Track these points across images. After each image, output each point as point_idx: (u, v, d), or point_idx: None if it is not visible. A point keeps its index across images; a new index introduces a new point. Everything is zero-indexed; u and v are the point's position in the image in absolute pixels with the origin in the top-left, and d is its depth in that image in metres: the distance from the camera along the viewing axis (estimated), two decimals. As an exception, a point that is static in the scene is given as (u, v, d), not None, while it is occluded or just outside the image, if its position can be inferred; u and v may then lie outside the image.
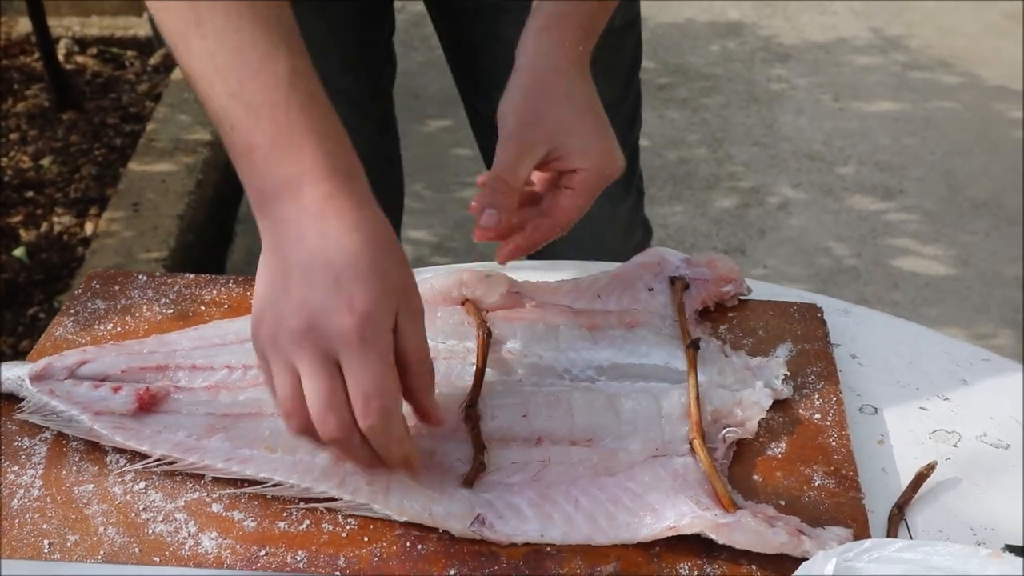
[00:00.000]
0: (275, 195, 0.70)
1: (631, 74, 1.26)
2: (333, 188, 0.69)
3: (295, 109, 0.69)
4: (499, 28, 1.13)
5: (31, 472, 0.75)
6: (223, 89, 0.70)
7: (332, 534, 0.72)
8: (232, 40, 0.70)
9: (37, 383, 0.79)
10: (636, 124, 1.30)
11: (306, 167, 0.69)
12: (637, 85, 1.29)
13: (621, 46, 1.20)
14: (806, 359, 0.86)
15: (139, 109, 2.89)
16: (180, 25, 0.72)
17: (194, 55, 0.71)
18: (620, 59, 1.22)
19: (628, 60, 1.24)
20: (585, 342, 0.84)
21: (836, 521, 0.72)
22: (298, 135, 0.69)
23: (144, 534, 0.71)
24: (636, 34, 1.24)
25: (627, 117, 1.26)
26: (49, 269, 2.27)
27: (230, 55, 0.70)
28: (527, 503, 0.72)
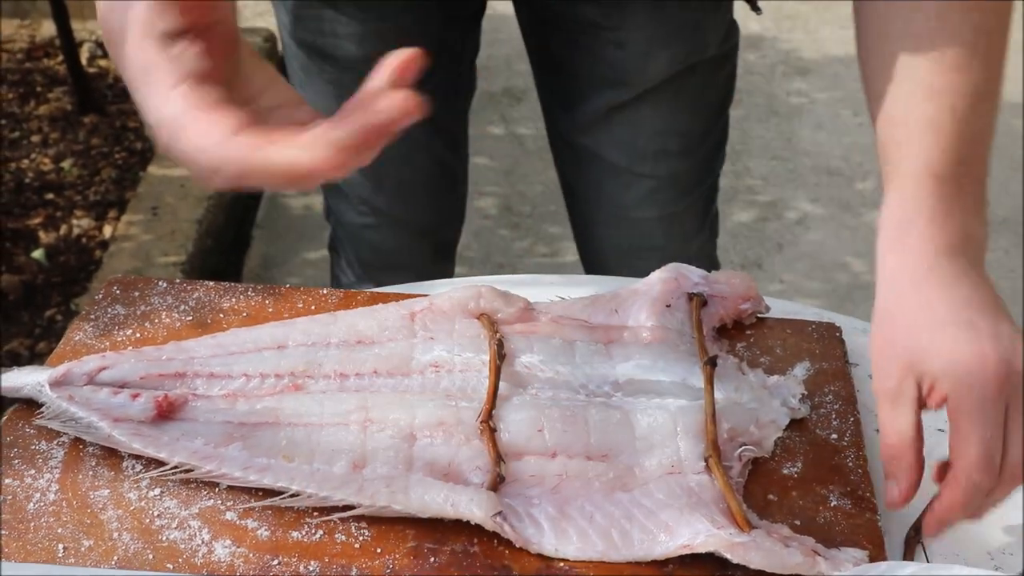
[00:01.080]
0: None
1: (721, 108, 1.22)
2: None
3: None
4: (590, 41, 1.11)
5: (48, 476, 0.76)
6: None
7: (345, 544, 0.72)
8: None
9: (56, 389, 0.79)
10: (719, 158, 1.26)
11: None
12: (725, 120, 1.24)
13: (713, 78, 1.17)
14: (824, 378, 0.85)
15: (160, 113, 2.90)
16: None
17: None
18: (710, 92, 1.19)
19: (720, 93, 1.20)
20: (601, 357, 0.84)
21: (852, 542, 0.71)
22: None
23: (158, 540, 0.71)
24: (731, 66, 1.20)
25: (709, 152, 1.23)
26: (67, 271, 2.28)
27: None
28: (544, 516, 0.72)
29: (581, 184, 1.25)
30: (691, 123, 1.18)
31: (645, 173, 1.18)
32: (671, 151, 1.18)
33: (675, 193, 1.22)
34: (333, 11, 1.08)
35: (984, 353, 0.66)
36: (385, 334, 0.85)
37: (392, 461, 0.75)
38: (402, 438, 0.76)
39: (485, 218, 2.63)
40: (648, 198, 1.20)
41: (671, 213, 1.22)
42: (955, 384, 0.67)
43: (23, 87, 2.95)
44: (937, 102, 0.73)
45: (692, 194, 1.23)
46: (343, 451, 0.76)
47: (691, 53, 1.12)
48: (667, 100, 1.14)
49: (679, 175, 1.20)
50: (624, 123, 1.15)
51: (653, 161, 1.18)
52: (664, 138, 1.17)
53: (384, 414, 0.78)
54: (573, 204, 1.29)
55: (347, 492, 0.73)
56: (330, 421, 0.78)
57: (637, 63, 1.11)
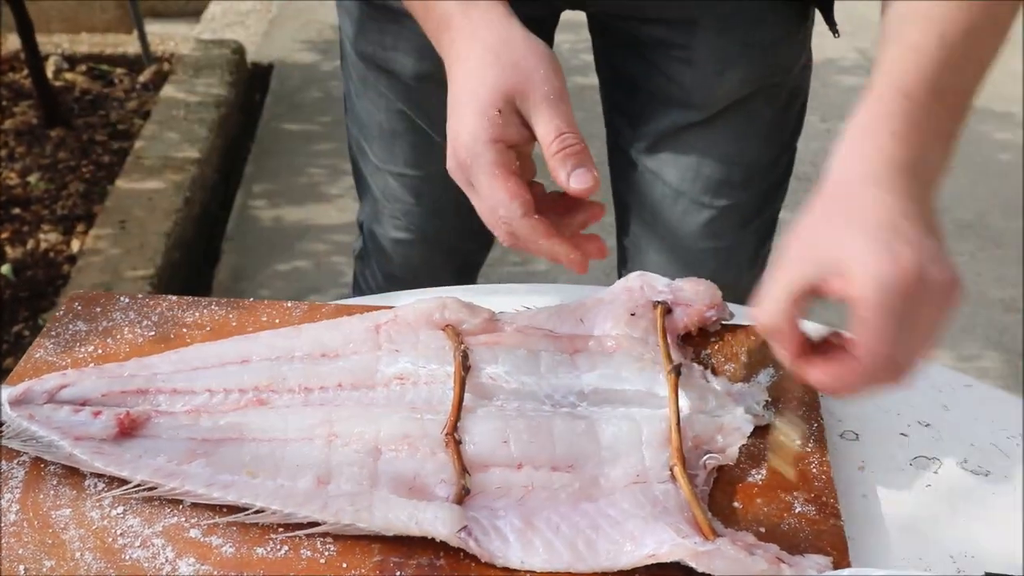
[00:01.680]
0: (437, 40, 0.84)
1: (791, 140, 1.18)
2: (466, 26, 0.80)
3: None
4: (658, 59, 1.08)
5: (8, 496, 0.75)
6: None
7: (311, 560, 0.71)
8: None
9: (16, 408, 0.78)
10: (781, 191, 1.21)
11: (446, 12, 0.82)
12: (793, 152, 1.19)
13: (789, 107, 1.14)
14: (788, 384, 0.86)
15: (127, 126, 2.89)
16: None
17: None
18: (784, 121, 1.15)
19: (792, 123, 1.17)
20: (566, 367, 0.84)
21: (816, 549, 0.72)
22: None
23: (121, 560, 0.71)
24: (804, 97, 1.17)
25: (774, 184, 1.19)
26: (35, 286, 2.26)
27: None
28: (510, 528, 0.72)
29: (637, 206, 1.21)
30: (759, 153, 1.15)
31: (703, 202, 1.15)
32: (734, 181, 1.14)
33: (732, 226, 1.17)
34: (397, 25, 1.08)
35: (905, 258, 0.68)
36: (349, 347, 0.84)
37: (357, 476, 0.74)
38: (367, 452, 0.76)
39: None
40: (702, 229, 1.16)
41: (725, 247, 1.18)
42: (870, 281, 0.67)
43: (-12, 101, 2.93)
44: (926, 27, 0.75)
45: (748, 228, 1.19)
46: (308, 466, 0.75)
47: (764, 76, 1.09)
48: (736, 126, 1.11)
49: (738, 207, 1.16)
50: (690, 146, 1.12)
51: (714, 191, 1.14)
52: (729, 167, 1.13)
53: (349, 428, 0.77)
54: (625, 223, 1.24)
55: (311, 509, 0.72)
56: (295, 436, 0.77)
57: (706, 82, 1.08)
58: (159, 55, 3.26)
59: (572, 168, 0.76)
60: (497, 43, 0.79)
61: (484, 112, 0.76)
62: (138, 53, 3.22)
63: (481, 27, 0.79)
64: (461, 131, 0.77)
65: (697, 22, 1.04)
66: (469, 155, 0.76)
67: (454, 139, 0.78)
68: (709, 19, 1.04)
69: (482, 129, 0.76)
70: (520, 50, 0.78)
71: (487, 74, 0.77)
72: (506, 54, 0.78)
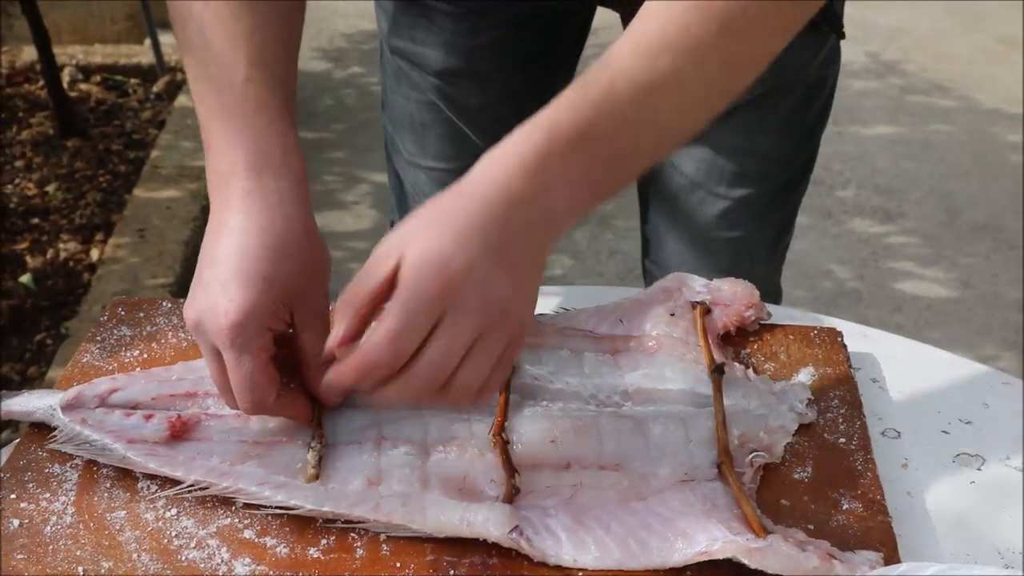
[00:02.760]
0: (216, 187, 0.78)
1: (810, 135, 1.17)
2: (253, 186, 0.76)
3: (240, 113, 0.78)
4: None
5: (63, 499, 0.76)
6: (197, 98, 0.80)
7: (364, 559, 0.72)
8: (204, 55, 0.80)
9: (68, 412, 0.79)
10: (801, 187, 1.21)
11: (239, 165, 0.76)
12: (814, 148, 1.19)
13: (809, 103, 1.14)
14: (828, 383, 0.86)
15: (143, 136, 2.90)
16: (180, 47, 0.83)
17: (187, 71, 0.82)
18: (803, 116, 1.14)
19: (812, 119, 1.16)
20: (609, 367, 0.84)
21: (865, 545, 0.72)
22: (237, 135, 0.77)
23: (177, 560, 0.71)
24: (828, 93, 1.16)
25: (793, 179, 1.19)
26: (55, 295, 2.27)
27: (202, 68, 0.80)
28: (561, 527, 0.72)
29: (657, 197, 1.23)
30: (775, 147, 1.15)
31: (720, 193, 1.15)
32: (749, 173, 1.15)
33: (748, 218, 1.18)
34: (427, 20, 1.11)
35: (448, 259, 0.67)
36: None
37: (408, 478, 0.75)
38: (416, 454, 0.76)
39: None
40: (719, 220, 1.17)
41: (741, 239, 1.19)
42: (408, 271, 0.68)
43: (5, 112, 2.95)
44: (599, 73, 0.71)
45: (764, 221, 1.20)
46: (358, 469, 0.76)
47: (776, 75, 1.03)
48: (755, 119, 1.11)
49: (754, 199, 1.16)
50: (705, 139, 1.12)
51: (730, 182, 1.15)
52: (745, 160, 1.14)
53: (397, 431, 0.78)
54: (646, 215, 1.27)
55: (364, 509, 0.73)
56: (343, 439, 0.78)
57: None
58: (172, 65, 3.27)
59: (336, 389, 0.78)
60: (300, 230, 0.76)
61: (270, 297, 0.73)
62: (151, 63, 3.23)
63: (288, 201, 0.76)
64: (237, 298, 0.72)
65: None
66: (239, 328, 0.72)
67: (224, 299, 0.72)
68: None
69: (263, 310, 0.73)
70: (316, 252, 0.77)
71: (282, 262, 0.74)
72: (304, 249, 0.76)
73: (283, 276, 0.74)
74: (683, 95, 0.73)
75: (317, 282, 0.78)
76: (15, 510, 0.75)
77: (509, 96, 1.17)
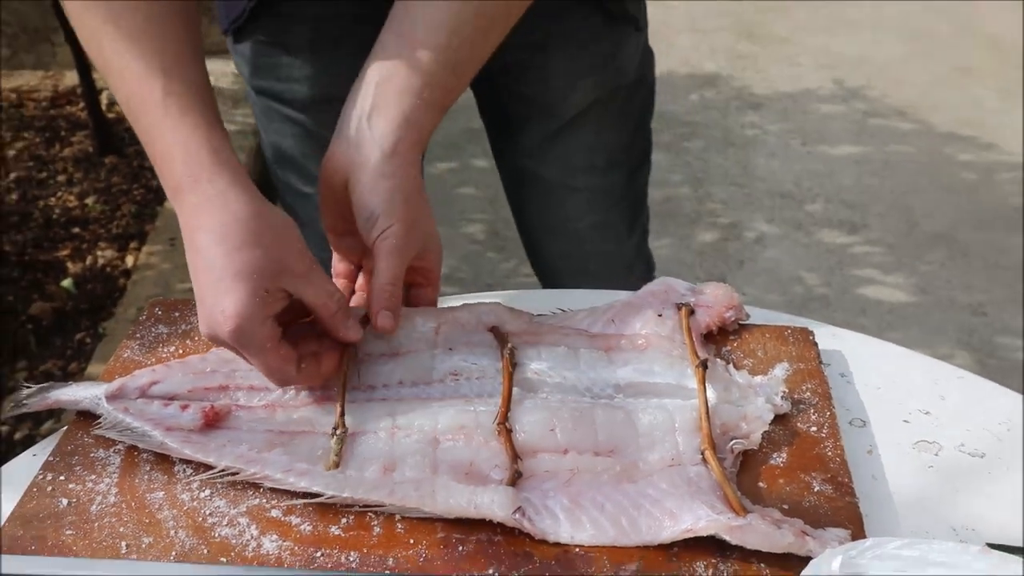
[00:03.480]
0: (174, 203, 0.78)
1: (641, 123, 1.26)
2: (199, 198, 0.76)
3: (168, 128, 0.77)
4: (519, 81, 1.14)
5: (107, 481, 0.76)
6: (130, 117, 0.79)
7: (381, 536, 0.72)
8: (124, 76, 0.78)
9: (112, 402, 0.79)
10: (644, 168, 1.30)
11: (178, 179, 0.76)
12: (647, 133, 1.28)
13: (633, 98, 1.21)
14: (801, 377, 0.87)
15: (174, 153, 2.90)
16: (100, 69, 0.80)
17: (110, 86, 0.80)
18: (632, 109, 1.22)
19: (639, 110, 1.24)
20: (603, 363, 0.85)
21: (835, 523, 0.73)
22: (169, 150, 0.77)
23: (211, 537, 0.72)
24: (647, 87, 1.24)
25: (636, 161, 1.27)
26: (94, 299, 2.28)
27: (126, 88, 0.78)
28: (559, 507, 0.73)
29: (526, 202, 1.29)
30: (615, 139, 1.22)
31: (578, 186, 1.22)
32: (599, 165, 1.22)
33: (606, 202, 1.25)
34: (289, 57, 1.09)
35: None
36: (408, 346, 0.85)
37: (419, 464, 0.75)
38: (427, 442, 0.77)
39: (473, 243, 2.65)
40: (583, 208, 1.24)
41: (604, 221, 1.26)
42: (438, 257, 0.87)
43: (48, 132, 2.95)
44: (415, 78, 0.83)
45: (621, 202, 1.27)
46: (374, 457, 0.76)
47: (610, 79, 1.16)
48: (593, 121, 1.18)
49: (607, 186, 1.24)
50: (558, 145, 1.19)
51: (584, 175, 1.22)
52: (592, 154, 1.21)
53: (410, 421, 0.78)
54: (521, 221, 1.33)
55: (380, 495, 0.73)
56: (361, 430, 0.78)
57: (563, 94, 1.14)
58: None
59: (354, 319, 0.80)
60: (249, 218, 0.75)
61: (254, 292, 0.73)
62: (182, 87, 3.23)
63: (231, 198, 0.75)
64: (227, 307, 0.73)
65: (547, 46, 1.10)
66: (239, 333, 0.73)
67: (217, 312, 0.73)
68: (557, 41, 1.10)
69: (255, 308, 0.73)
70: (274, 226, 0.77)
71: (248, 254, 0.74)
72: (261, 231, 0.75)
73: (257, 266, 0.74)
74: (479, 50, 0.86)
75: (292, 247, 0.77)
76: (64, 490, 0.75)
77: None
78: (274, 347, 0.75)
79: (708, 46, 3.84)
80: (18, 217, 2.54)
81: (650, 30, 1.20)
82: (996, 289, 2.52)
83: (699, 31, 3.99)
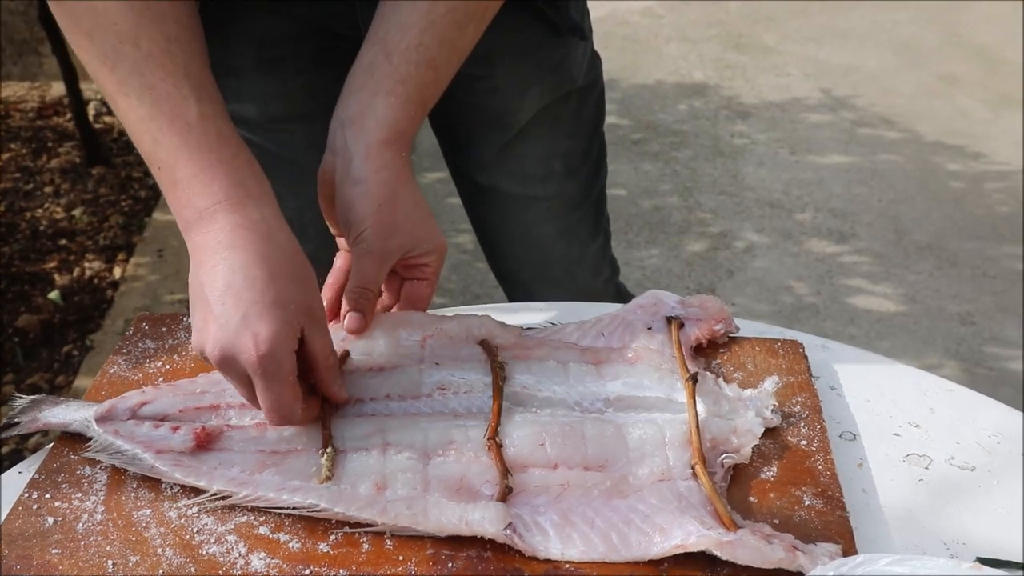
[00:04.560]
0: (196, 222, 0.76)
1: (595, 127, 1.26)
2: (242, 219, 0.75)
3: (205, 148, 0.76)
4: (467, 92, 1.13)
5: (93, 499, 0.75)
6: (148, 137, 0.77)
7: (370, 553, 0.72)
8: (148, 96, 0.76)
9: (102, 424, 0.79)
10: (602, 172, 1.30)
11: (218, 198, 0.75)
12: (601, 137, 1.29)
13: (584, 103, 1.21)
14: (791, 390, 0.87)
15: (162, 164, 2.90)
16: (110, 86, 0.78)
17: (123, 111, 0.78)
18: (584, 114, 1.22)
19: (592, 115, 1.24)
20: (592, 377, 0.85)
21: (826, 538, 0.72)
22: (210, 170, 0.76)
23: (199, 555, 0.71)
24: (598, 92, 1.24)
25: (593, 166, 1.27)
26: (81, 310, 2.27)
27: (149, 108, 0.76)
28: (549, 523, 0.72)
29: (486, 215, 1.29)
30: (571, 145, 1.23)
31: (538, 195, 1.23)
32: (556, 172, 1.22)
33: (567, 208, 1.26)
34: (236, 79, 1.08)
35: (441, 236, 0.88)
36: (395, 360, 0.85)
37: (411, 482, 0.75)
38: (418, 458, 0.76)
39: (463, 253, 2.64)
40: (543, 216, 1.25)
41: (566, 227, 1.27)
42: (436, 258, 0.88)
43: (35, 143, 2.94)
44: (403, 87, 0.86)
45: (582, 207, 1.27)
46: (366, 473, 0.76)
47: (559, 85, 1.16)
48: (546, 128, 1.18)
49: (567, 192, 1.24)
50: (512, 156, 1.19)
51: (542, 183, 1.22)
52: (549, 162, 1.21)
53: (400, 437, 0.78)
54: (483, 233, 1.33)
55: (372, 512, 0.73)
56: (351, 446, 0.78)
57: (513, 103, 1.15)
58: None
59: (343, 381, 0.81)
60: (293, 252, 0.77)
61: (289, 322, 0.74)
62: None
63: (275, 227, 0.76)
64: (262, 331, 0.72)
65: (493, 56, 1.10)
66: (268, 359, 0.72)
67: (247, 335, 0.72)
68: (503, 51, 1.10)
69: (289, 338, 0.74)
70: (307, 268, 0.78)
71: (288, 285, 0.74)
72: (299, 266, 0.77)
73: (292, 299, 0.75)
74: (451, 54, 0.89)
75: (315, 294, 0.78)
76: (50, 508, 0.74)
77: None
78: (294, 381, 0.75)
79: (697, 56, 3.85)
80: (5, 228, 2.53)
81: (639, 40, 1.21)
82: (984, 298, 2.52)
83: (688, 41, 4.00)
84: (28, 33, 3.25)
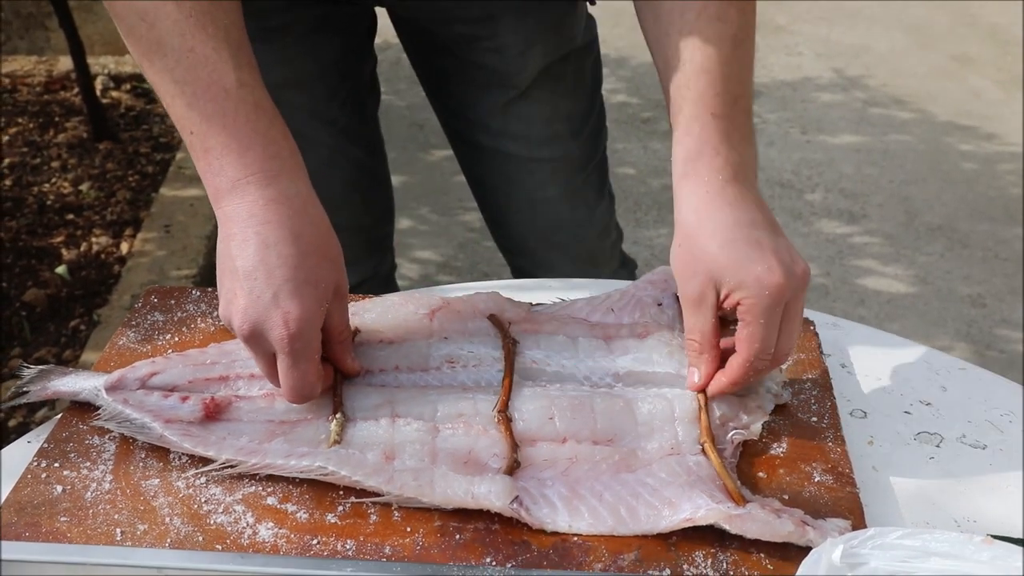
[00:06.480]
0: (228, 192, 0.75)
1: (595, 89, 1.26)
2: (276, 193, 0.74)
3: (242, 117, 0.75)
4: (469, 52, 1.14)
5: (102, 468, 0.76)
6: (182, 100, 0.75)
7: (377, 524, 0.72)
8: (187, 58, 0.74)
9: (112, 393, 0.79)
10: (603, 134, 1.30)
11: (253, 170, 0.74)
12: (601, 99, 1.29)
13: (583, 64, 1.21)
14: (802, 368, 0.86)
15: (169, 139, 2.89)
16: (144, 45, 0.76)
17: (157, 71, 0.75)
18: (584, 75, 1.22)
19: (591, 76, 1.24)
20: (602, 352, 0.85)
21: (835, 513, 0.72)
22: (245, 140, 0.74)
23: (207, 524, 0.71)
24: (596, 53, 1.24)
25: (594, 129, 1.27)
26: (88, 285, 2.26)
27: (186, 71, 0.74)
28: (557, 496, 0.72)
29: (488, 178, 1.28)
30: (574, 107, 1.22)
31: (543, 157, 1.22)
32: (561, 133, 1.21)
33: (572, 170, 1.25)
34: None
35: (771, 267, 0.74)
36: (404, 332, 0.85)
37: (419, 453, 0.75)
38: (426, 430, 0.77)
39: (470, 231, 2.64)
40: (549, 179, 1.24)
41: (572, 189, 1.26)
42: (748, 294, 0.75)
43: (42, 118, 2.93)
44: (704, 50, 0.80)
45: (586, 168, 1.27)
46: (374, 443, 0.76)
47: (560, 45, 1.16)
48: (548, 90, 1.18)
49: (571, 154, 1.24)
50: (516, 117, 1.19)
51: (548, 145, 1.21)
52: (553, 124, 1.20)
53: (408, 408, 0.78)
54: (484, 197, 1.31)
55: (379, 480, 0.73)
56: (360, 415, 0.78)
57: (516, 63, 1.14)
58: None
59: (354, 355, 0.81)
60: (326, 230, 0.76)
61: (320, 301, 0.74)
62: (177, 73, 3.21)
63: (309, 204, 0.76)
64: (294, 310, 0.72)
65: (496, 16, 1.09)
66: (298, 337, 0.73)
67: (278, 313, 0.72)
68: (506, 11, 1.09)
69: (319, 316, 0.74)
70: (333, 245, 0.77)
71: (321, 264, 0.75)
72: (331, 245, 0.76)
73: (323, 277, 0.75)
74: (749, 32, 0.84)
75: (342, 272, 0.78)
76: (59, 477, 0.75)
77: (331, 97, 1.18)
78: (319, 360, 0.76)
79: (707, 34, 3.81)
80: (12, 203, 2.53)
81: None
82: (995, 280, 2.51)
83: (698, 19, 3.96)
84: (35, 7, 3.24)
